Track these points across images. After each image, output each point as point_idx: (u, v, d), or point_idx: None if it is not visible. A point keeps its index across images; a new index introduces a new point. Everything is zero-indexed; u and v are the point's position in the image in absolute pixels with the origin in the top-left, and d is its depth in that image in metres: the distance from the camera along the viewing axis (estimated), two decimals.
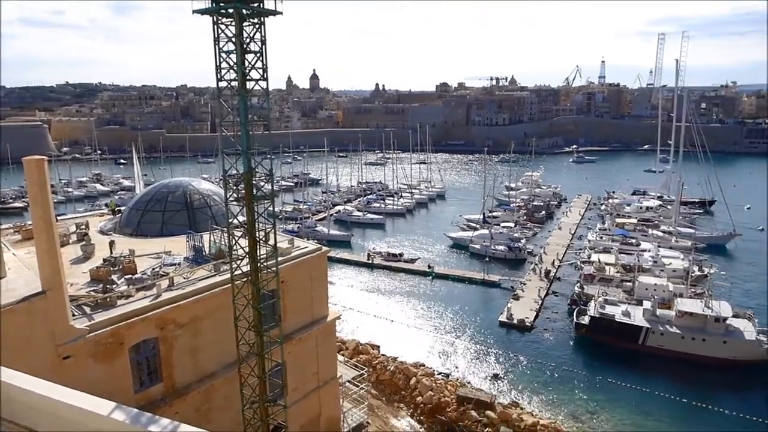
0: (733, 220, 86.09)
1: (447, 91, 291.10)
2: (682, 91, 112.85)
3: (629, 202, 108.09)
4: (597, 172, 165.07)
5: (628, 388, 45.33)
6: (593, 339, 53.62)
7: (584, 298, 60.17)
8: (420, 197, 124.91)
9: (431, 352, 52.57)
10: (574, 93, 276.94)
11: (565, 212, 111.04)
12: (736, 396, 44.88)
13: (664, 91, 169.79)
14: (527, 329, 56.81)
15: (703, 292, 56.90)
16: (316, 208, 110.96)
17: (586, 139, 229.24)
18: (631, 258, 68.43)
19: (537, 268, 73.30)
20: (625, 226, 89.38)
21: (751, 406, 42.93)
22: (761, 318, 53.85)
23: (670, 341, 50.81)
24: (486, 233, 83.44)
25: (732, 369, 48.21)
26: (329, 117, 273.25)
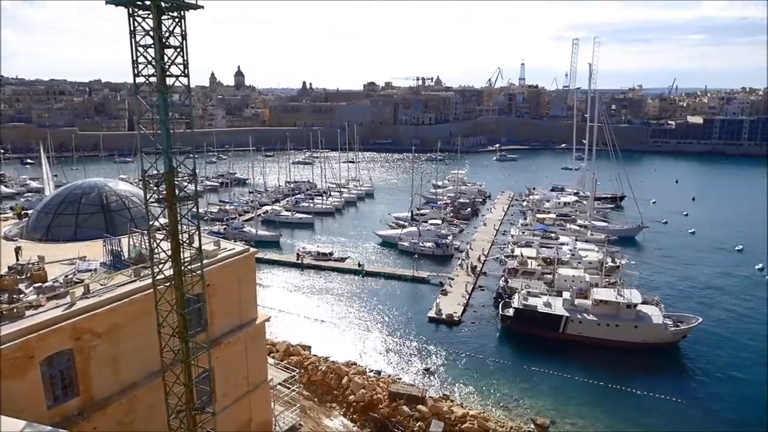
0: (641, 214, 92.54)
1: (374, 90, 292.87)
2: (594, 94, 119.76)
3: (548, 198, 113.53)
4: (518, 170, 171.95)
5: (551, 375, 47.64)
6: (518, 330, 55.90)
7: (509, 291, 62.56)
8: (349, 196, 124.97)
9: (363, 351, 52.79)
10: (496, 94, 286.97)
11: (489, 209, 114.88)
12: (646, 376, 48.28)
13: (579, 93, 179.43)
14: (455, 323, 58.33)
15: (616, 282, 60.71)
16: (242, 208, 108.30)
17: (508, 138, 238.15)
18: (551, 251, 71.86)
19: (464, 263, 75.39)
20: (545, 221, 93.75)
21: (659, 385, 46.37)
22: (667, 303, 58.18)
23: (587, 328, 53.88)
24: (414, 231, 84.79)
25: (642, 351, 51.82)
26: (255, 115, 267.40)
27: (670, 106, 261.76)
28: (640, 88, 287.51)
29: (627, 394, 44.81)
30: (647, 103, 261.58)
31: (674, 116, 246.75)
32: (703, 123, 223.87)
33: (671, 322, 53.32)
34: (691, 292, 68.01)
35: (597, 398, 44.42)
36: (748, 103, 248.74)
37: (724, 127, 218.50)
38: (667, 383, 47.32)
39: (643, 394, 44.72)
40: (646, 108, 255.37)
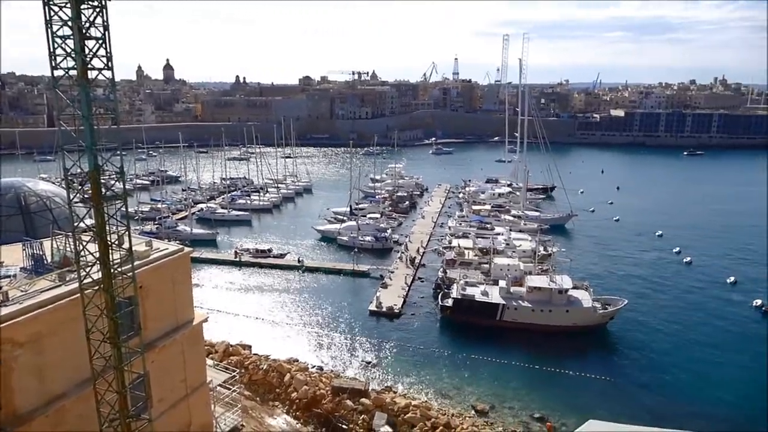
0: (570, 203, 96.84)
1: (310, 84, 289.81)
2: (524, 88, 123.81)
3: (484, 189, 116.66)
4: (454, 163, 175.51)
5: (489, 362, 49.16)
6: (457, 319, 57.25)
7: (447, 281, 63.89)
8: (286, 192, 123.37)
9: (304, 347, 52.46)
10: (431, 88, 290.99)
11: (427, 201, 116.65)
12: (577, 358, 50.77)
13: (510, 88, 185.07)
14: (396, 316, 59.00)
15: (548, 269, 63.37)
16: (176, 206, 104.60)
17: (444, 131, 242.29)
18: (487, 242, 73.96)
19: (403, 256, 76.28)
20: (481, 213, 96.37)
21: (589, 365, 48.90)
22: (595, 287, 61.29)
23: (522, 315, 55.95)
24: (353, 225, 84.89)
25: (574, 334, 54.43)
26: (187, 110, 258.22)
27: (595, 100, 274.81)
28: (567, 83, 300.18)
29: (560, 376, 46.95)
30: (574, 97, 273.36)
31: (599, 110, 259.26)
32: (625, 116, 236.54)
33: (600, 305, 56.25)
34: (617, 276, 71.98)
35: (533, 381, 46.27)
36: (664, 97, 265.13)
37: (643, 120, 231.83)
38: (597, 363, 49.97)
39: (575, 375, 47.00)
40: (572, 102, 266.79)
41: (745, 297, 64.07)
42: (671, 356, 51.03)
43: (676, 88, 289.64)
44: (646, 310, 60.80)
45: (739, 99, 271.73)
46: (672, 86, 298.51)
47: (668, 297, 64.97)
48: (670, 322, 58.16)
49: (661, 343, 53.59)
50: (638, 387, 45.80)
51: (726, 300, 64.22)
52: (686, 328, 56.83)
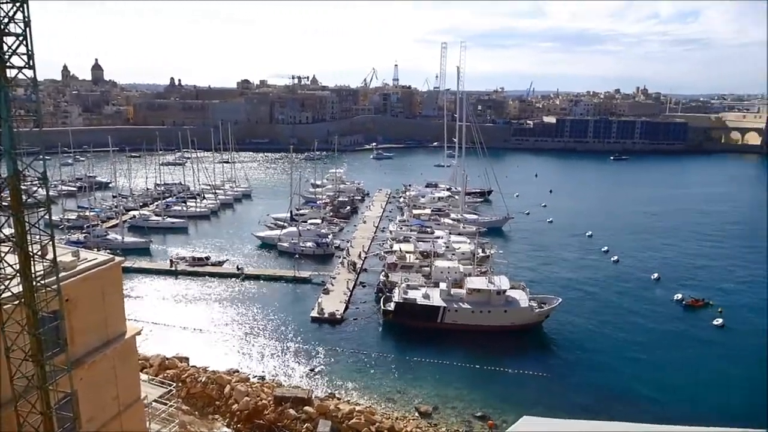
0: (506, 206, 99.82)
1: (249, 88, 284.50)
2: (462, 95, 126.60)
3: (424, 194, 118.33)
4: (395, 168, 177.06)
5: (432, 364, 49.77)
6: (399, 323, 57.60)
7: (389, 285, 64.22)
8: (225, 198, 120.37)
9: (245, 357, 51.25)
10: (371, 94, 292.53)
11: (368, 206, 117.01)
12: (516, 356, 52.25)
13: (448, 94, 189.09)
14: (338, 321, 58.69)
15: (487, 270, 64.94)
16: (106, 214, 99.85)
17: (384, 136, 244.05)
18: (427, 245, 74.95)
19: (345, 261, 76.07)
20: (421, 216, 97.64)
21: (527, 363, 50.43)
22: (531, 287, 63.36)
23: (463, 316, 57.03)
24: (294, 231, 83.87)
25: (512, 333, 56.02)
26: (117, 113, 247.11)
27: (529, 107, 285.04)
28: (503, 90, 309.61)
29: (500, 374, 48.18)
30: (509, 104, 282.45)
31: (532, 116, 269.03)
32: (556, 123, 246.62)
33: (536, 305, 58.18)
34: (551, 275, 74.76)
35: (474, 380, 47.22)
36: (592, 105, 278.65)
37: (573, 127, 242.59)
38: (534, 360, 51.64)
39: (514, 373, 48.36)
40: (508, 109, 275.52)
41: (667, 292, 68.11)
42: (602, 351, 53.48)
43: (603, 97, 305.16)
44: (578, 307, 63.43)
45: (659, 107, 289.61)
46: (599, 95, 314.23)
47: (598, 294, 68.10)
48: (601, 318, 60.96)
49: (593, 339, 56.07)
50: (573, 382, 47.67)
51: (650, 295, 68.07)
52: (615, 323, 59.76)
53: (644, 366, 50.52)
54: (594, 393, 45.79)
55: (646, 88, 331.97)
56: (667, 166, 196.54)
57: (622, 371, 49.52)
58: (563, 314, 60.26)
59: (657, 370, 49.62)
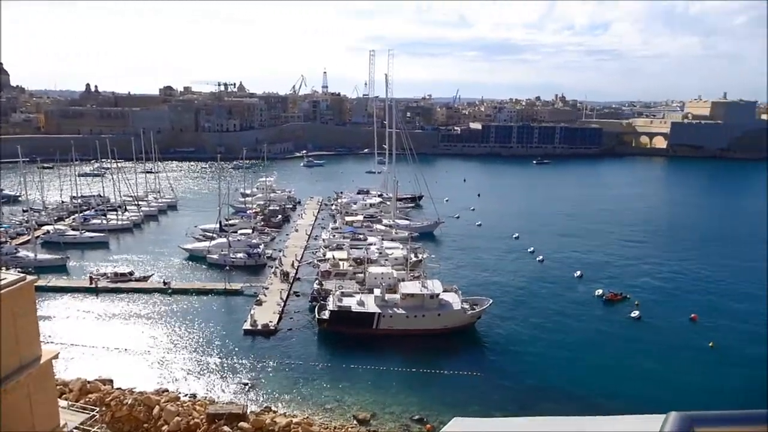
0: (437, 211, 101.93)
1: (172, 95, 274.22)
2: (391, 102, 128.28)
3: (355, 200, 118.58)
4: (326, 175, 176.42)
5: (368, 370, 49.85)
6: (334, 331, 57.34)
7: (323, 294, 63.82)
8: (149, 209, 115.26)
9: (175, 375, 49.20)
10: (300, 101, 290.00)
11: (300, 214, 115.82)
12: (451, 358, 53.36)
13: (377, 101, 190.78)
14: (272, 333, 57.62)
15: (420, 275, 65.97)
16: (15, 230, 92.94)
17: (314, 144, 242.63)
18: (360, 252, 75.15)
19: (278, 271, 74.85)
20: (354, 223, 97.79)
21: (462, 364, 51.62)
22: (463, 289, 64.97)
23: (397, 321, 57.58)
24: (224, 242, 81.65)
25: (446, 336, 57.15)
26: (27, 121, 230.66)
27: (456, 114, 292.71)
28: (430, 98, 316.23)
29: (436, 376, 49.01)
30: (437, 111, 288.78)
31: (459, 123, 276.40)
32: (482, 129, 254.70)
33: (468, 306, 59.70)
34: (482, 277, 77.02)
35: (411, 384, 47.75)
36: (514, 111, 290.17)
37: (498, 133, 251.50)
38: (468, 361, 52.94)
39: (450, 374, 49.33)
40: (435, 115, 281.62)
41: (589, 288, 71.94)
42: (531, 347, 55.67)
43: (525, 104, 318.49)
44: (508, 307, 65.71)
45: (576, 114, 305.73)
46: (521, 102, 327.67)
47: (526, 293, 70.86)
48: (529, 315, 63.48)
49: (522, 336, 58.27)
50: (505, 379, 49.26)
51: (574, 292, 71.65)
52: (542, 319, 62.41)
53: (570, 360, 53.03)
54: (525, 389, 47.52)
55: (564, 95, 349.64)
56: (585, 168, 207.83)
57: (549, 366, 51.71)
58: (494, 314, 62.21)
59: (581, 364, 52.24)
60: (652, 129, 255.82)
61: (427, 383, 47.93)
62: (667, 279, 77.36)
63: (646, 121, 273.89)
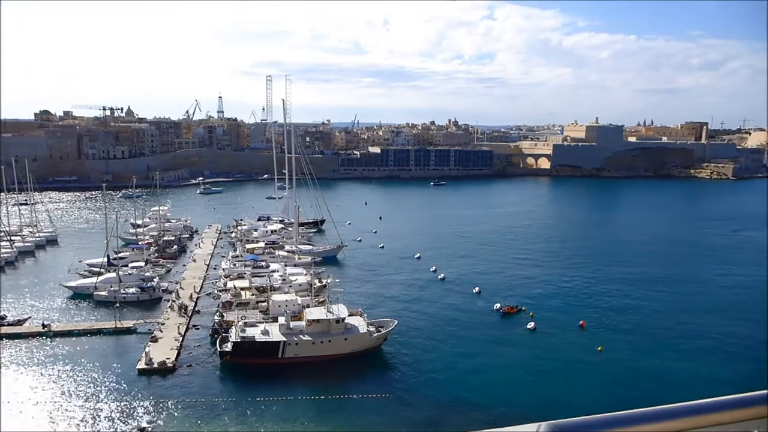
0: (339, 235, 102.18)
1: (50, 120, 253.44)
2: (290, 127, 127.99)
3: (256, 227, 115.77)
4: (224, 202, 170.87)
5: (276, 401, 48.37)
6: (238, 363, 55.14)
7: (225, 325, 61.34)
8: (24, 245, 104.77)
9: (60, 427, 44.59)
10: (195, 126, 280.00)
11: (197, 244, 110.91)
12: (359, 381, 53.26)
13: (276, 126, 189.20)
14: (170, 370, 54.24)
15: (325, 300, 65.52)
16: None
17: (211, 170, 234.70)
18: (263, 280, 73.33)
19: (174, 305, 70.89)
20: (255, 251, 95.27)
21: (369, 386, 51.73)
22: (368, 312, 65.35)
23: (304, 349, 56.60)
24: (113, 277, 76.09)
25: (354, 360, 57.00)
26: None
27: (355, 138, 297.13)
28: (329, 123, 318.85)
29: (345, 401, 48.63)
30: (336, 135, 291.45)
31: (358, 147, 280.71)
32: (381, 153, 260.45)
33: (374, 329, 60.07)
34: (386, 299, 77.98)
35: (320, 412, 46.98)
36: (411, 136, 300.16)
37: (396, 156, 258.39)
38: (376, 383, 53.11)
39: (358, 398, 49.16)
40: (335, 140, 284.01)
41: (487, 303, 75.26)
42: (436, 364, 57.03)
43: (421, 128, 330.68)
44: (413, 326, 66.95)
45: (469, 137, 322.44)
46: (417, 126, 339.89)
47: (430, 311, 72.68)
48: (433, 333, 65.09)
49: (428, 354, 59.55)
50: (414, 397, 49.93)
51: (474, 307, 74.58)
52: (446, 336, 64.25)
53: (474, 373, 54.93)
54: (433, 405, 48.49)
55: (457, 120, 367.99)
56: (478, 188, 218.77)
57: (455, 381, 53.23)
58: (400, 334, 63.08)
59: (484, 376, 54.32)
60: (537, 151, 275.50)
61: (337, 409, 47.41)
62: (557, 290, 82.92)
63: (532, 143, 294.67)
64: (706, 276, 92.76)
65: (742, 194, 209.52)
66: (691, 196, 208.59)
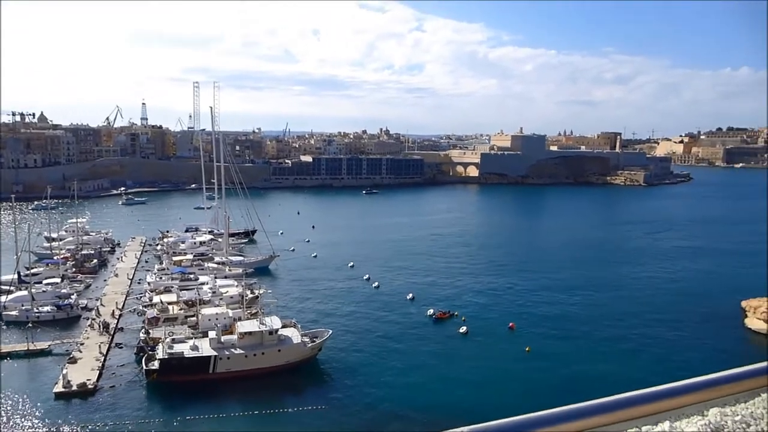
0: (272, 245, 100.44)
1: None
2: (219, 135, 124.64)
3: (184, 239, 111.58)
4: (149, 213, 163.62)
5: (207, 419, 46.68)
6: (166, 381, 52.79)
7: (151, 342, 58.60)
8: None
9: None
10: (116, 133, 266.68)
11: (120, 257, 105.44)
12: (294, 394, 52.38)
13: (204, 135, 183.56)
14: (91, 393, 51.06)
15: (257, 312, 64.08)
16: None
17: (135, 180, 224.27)
18: (192, 293, 70.72)
19: (95, 323, 66.93)
20: (183, 263, 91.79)
21: (305, 398, 51.02)
22: (302, 322, 64.57)
23: (236, 363, 55.04)
24: (24, 295, 70.86)
25: (288, 372, 56.05)
26: None
27: (286, 147, 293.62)
28: (260, 131, 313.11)
29: (280, 415, 47.64)
30: (267, 144, 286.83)
31: (290, 156, 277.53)
32: (313, 161, 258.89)
33: (308, 339, 59.40)
34: (320, 308, 77.34)
35: (254, 427, 45.77)
36: (343, 144, 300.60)
37: (328, 165, 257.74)
38: (312, 395, 52.49)
39: (294, 411, 48.32)
40: (266, 149, 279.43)
41: (421, 309, 76.33)
42: (372, 372, 57.05)
43: (352, 137, 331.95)
44: (348, 335, 66.78)
45: (400, 146, 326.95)
46: (349, 135, 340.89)
47: (364, 319, 72.78)
48: (368, 341, 65.21)
49: (364, 362, 59.52)
50: (351, 407, 49.70)
51: (408, 314, 75.36)
52: (381, 343, 64.53)
53: (409, 379, 55.45)
54: (370, 414, 48.48)
55: (388, 129, 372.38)
56: (410, 196, 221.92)
57: (391, 388, 53.47)
58: (335, 344, 62.71)
59: (420, 381, 54.93)
60: (466, 159, 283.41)
61: (272, 423, 46.38)
62: (487, 294, 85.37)
63: (461, 152, 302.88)
64: (624, 277, 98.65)
65: (652, 199, 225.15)
66: (608, 202, 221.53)
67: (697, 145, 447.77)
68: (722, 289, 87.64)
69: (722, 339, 67.80)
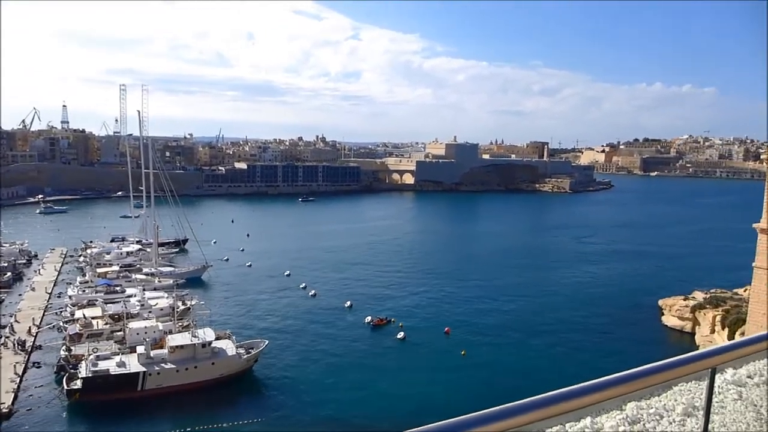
0: (204, 255, 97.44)
1: None
2: (147, 140, 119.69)
3: (109, 250, 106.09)
4: (70, 223, 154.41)
5: None
6: (90, 401, 49.91)
7: (73, 360, 55.23)
8: None
9: None
10: (33, 137, 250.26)
11: (37, 270, 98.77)
12: (230, 408, 50.89)
13: (131, 140, 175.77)
14: (6, 416, 47.46)
15: (189, 324, 61.89)
16: None
17: (54, 187, 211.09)
18: (118, 306, 67.40)
19: (9, 341, 62.31)
20: (108, 275, 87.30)
21: (241, 412, 49.74)
22: (237, 334, 62.98)
23: (167, 378, 52.85)
24: None
25: (223, 386, 54.41)
26: None
27: (219, 153, 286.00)
28: (191, 137, 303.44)
29: (215, 431, 46.10)
30: (199, 150, 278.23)
31: (223, 163, 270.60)
32: (247, 168, 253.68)
33: (243, 351, 57.95)
34: (256, 319, 75.73)
35: None
36: (279, 151, 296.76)
37: (264, 172, 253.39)
38: (248, 408, 51.19)
39: (229, 426, 46.95)
40: (198, 155, 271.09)
41: (359, 316, 76.35)
42: (311, 381, 56.42)
43: (288, 144, 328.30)
44: (285, 344, 65.73)
45: (336, 153, 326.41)
46: (285, 142, 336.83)
47: (302, 328, 71.92)
48: (306, 350, 64.46)
49: (302, 372, 58.75)
50: (288, 419, 48.88)
51: (346, 321, 75.21)
52: (319, 352, 63.96)
53: (346, 388, 55.21)
54: (308, 425, 47.85)
55: (324, 136, 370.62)
56: (347, 204, 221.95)
57: (329, 397, 53.10)
58: (271, 355, 61.57)
59: (358, 388, 54.87)
60: (401, 167, 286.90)
61: None
62: (424, 300, 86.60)
63: (397, 160, 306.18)
64: (553, 280, 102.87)
65: (578, 205, 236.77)
66: (537, 208, 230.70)
67: (617, 154, 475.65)
68: (642, 289, 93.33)
69: (641, 336, 72.24)
